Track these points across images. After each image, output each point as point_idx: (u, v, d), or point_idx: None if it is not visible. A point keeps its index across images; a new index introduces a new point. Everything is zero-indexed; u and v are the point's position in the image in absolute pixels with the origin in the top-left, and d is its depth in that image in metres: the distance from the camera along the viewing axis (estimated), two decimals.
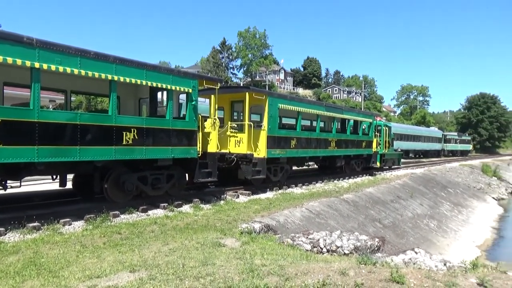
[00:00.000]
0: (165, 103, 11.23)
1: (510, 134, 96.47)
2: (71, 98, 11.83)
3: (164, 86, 10.48)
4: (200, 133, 11.64)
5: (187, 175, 12.13)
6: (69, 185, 11.81)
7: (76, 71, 8.50)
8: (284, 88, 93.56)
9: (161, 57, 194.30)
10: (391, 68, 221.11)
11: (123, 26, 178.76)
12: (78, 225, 8.58)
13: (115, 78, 9.24)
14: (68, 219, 8.67)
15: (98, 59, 8.92)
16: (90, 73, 8.73)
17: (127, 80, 9.51)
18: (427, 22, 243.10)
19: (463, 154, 65.06)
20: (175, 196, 11.38)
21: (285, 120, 19.90)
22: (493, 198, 29.21)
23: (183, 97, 11.66)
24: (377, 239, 7.84)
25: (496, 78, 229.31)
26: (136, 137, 9.71)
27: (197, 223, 9.22)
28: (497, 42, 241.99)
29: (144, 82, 9.95)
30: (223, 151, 13.98)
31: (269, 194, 14.11)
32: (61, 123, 8.28)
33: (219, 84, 12.44)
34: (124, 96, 12.09)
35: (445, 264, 6.18)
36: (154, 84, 10.23)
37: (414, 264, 6.23)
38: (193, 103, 11.24)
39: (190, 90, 11.16)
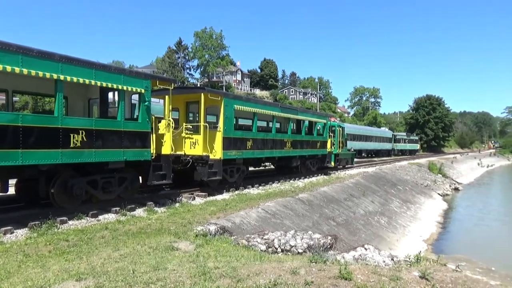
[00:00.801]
0: (116, 104, 10.86)
1: (453, 134, 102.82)
2: (14, 98, 11.13)
3: (115, 86, 10.13)
4: (154, 135, 11.38)
5: (140, 178, 11.82)
6: (11, 190, 11.12)
7: (17, 70, 8.01)
8: (241, 89, 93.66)
9: (114, 56, 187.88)
10: (345, 70, 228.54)
11: (72, 24, 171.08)
12: (21, 233, 8.08)
13: (61, 77, 8.80)
14: (10, 227, 8.14)
15: (42, 58, 8.45)
16: (33, 72, 8.26)
17: (75, 79, 9.09)
18: (378, 26, 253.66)
19: (412, 153, 68.40)
20: (128, 200, 11.04)
21: (241, 121, 19.93)
22: (439, 194, 30.94)
23: (135, 97, 11.34)
24: (329, 237, 8.04)
25: (441, 81, 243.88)
26: (85, 139, 9.31)
27: (151, 227, 9.00)
28: (442, 47, 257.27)
29: (93, 82, 9.56)
30: (178, 152, 13.77)
31: (225, 195, 14.05)
32: (0, 125, 7.76)
33: (173, 85, 12.23)
34: (73, 97, 11.56)
35: (392, 259, 6.45)
36: (104, 84, 9.87)
37: (363, 260, 6.45)
38: (146, 104, 10.96)
39: (143, 91, 10.88)
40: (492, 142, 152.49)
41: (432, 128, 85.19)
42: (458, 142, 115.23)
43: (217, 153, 14.17)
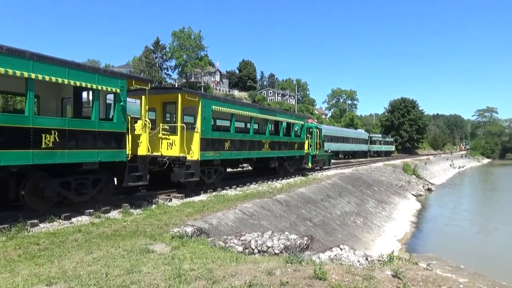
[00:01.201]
0: (90, 104, 10.63)
1: (427, 136, 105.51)
2: None
3: (89, 85, 9.91)
4: (130, 135, 11.21)
5: (116, 179, 11.60)
6: None
7: None
8: (220, 90, 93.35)
9: (89, 55, 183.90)
10: (323, 73, 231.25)
11: (46, 21, 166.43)
12: None
13: (32, 76, 8.54)
14: None
15: (11, 55, 8.18)
16: (2, 70, 7.98)
17: (47, 78, 8.84)
18: (354, 29, 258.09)
19: (387, 154, 69.85)
20: (102, 202, 10.81)
21: (219, 122, 19.86)
22: (413, 194, 31.71)
23: (110, 97, 11.13)
24: (306, 238, 8.10)
25: (415, 84, 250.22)
26: (58, 139, 9.06)
27: (126, 229, 8.84)
28: (416, 51, 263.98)
29: (66, 81, 9.32)
30: (154, 153, 13.60)
31: (203, 197, 13.97)
32: None
33: (149, 85, 12.07)
34: (45, 96, 11.24)
35: (366, 259, 6.56)
36: (78, 84, 9.63)
37: (338, 260, 6.53)
38: (122, 104, 10.78)
39: (118, 90, 10.69)
40: (464, 144, 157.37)
41: (406, 130, 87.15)
42: (431, 143, 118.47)
43: (195, 154, 14.07)
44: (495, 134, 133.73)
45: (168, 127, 14.11)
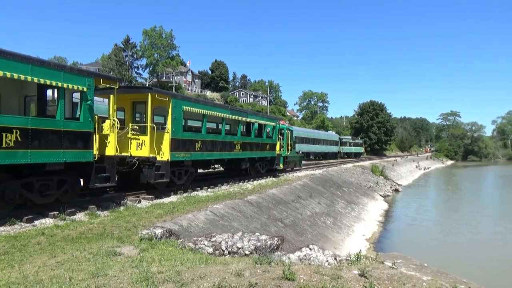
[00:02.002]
0: (56, 102, 10.27)
1: (394, 138, 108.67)
2: None
3: (54, 83, 9.57)
4: (97, 135, 10.93)
5: (82, 180, 11.26)
6: None
7: None
8: (192, 90, 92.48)
9: (56, 52, 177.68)
10: (295, 75, 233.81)
11: (11, 18, 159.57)
12: None
13: None
14: None
15: None
16: None
17: (8, 75, 8.46)
18: (325, 32, 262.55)
19: (357, 156, 71.40)
20: (68, 204, 10.47)
21: (190, 123, 19.69)
22: (380, 195, 32.52)
23: (77, 96, 10.80)
24: (276, 238, 8.14)
25: (383, 88, 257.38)
26: (20, 139, 8.69)
27: (92, 231, 8.60)
28: (384, 55, 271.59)
29: (29, 78, 8.96)
30: (123, 154, 13.33)
31: (173, 198, 13.81)
32: None
33: (118, 83, 11.80)
34: (6, 93, 10.77)
35: (335, 258, 6.67)
36: (42, 81, 9.28)
37: (308, 260, 6.61)
38: (89, 102, 10.48)
39: (85, 89, 10.38)
40: (429, 146, 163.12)
41: (375, 132, 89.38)
42: (398, 145, 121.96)
43: (165, 154, 13.88)
44: (458, 137, 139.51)
45: (137, 127, 13.85)
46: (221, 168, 22.83)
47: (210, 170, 22.45)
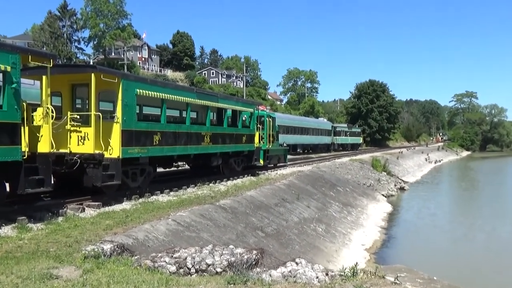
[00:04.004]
0: None
1: (399, 126, 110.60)
2: None
3: None
4: (27, 127, 10.74)
5: (8, 185, 11.03)
6: None
7: None
8: (148, 69, 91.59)
9: None
10: (277, 50, 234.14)
11: None
12: None
13: None
14: None
15: None
16: None
17: None
18: (314, 2, 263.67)
19: (354, 147, 72.45)
20: None
21: (146, 110, 19.51)
22: (383, 195, 33.19)
23: None
24: (255, 252, 8.18)
25: (385, 66, 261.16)
26: None
27: (22, 249, 8.47)
28: (386, 30, 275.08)
29: None
30: (61, 150, 13.10)
31: (126, 205, 13.73)
32: None
33: (52, 61, 11.55)
34: None
35: (327, 274, 6.75)
36: None
37: (293, 277, 6.66)
38: (14, 86, 10.22)
39: (9, 68, 10.11)
40: (441, 134, 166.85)
41: (376, 118, 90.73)
42: (404, 134, 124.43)
43: (114, 150, 13.75)
44: (474, 123, 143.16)
45: (78, 117, 13.63)
46: (187, 166, 22.74)
47: (173, 169, 22.30)
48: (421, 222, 25.52)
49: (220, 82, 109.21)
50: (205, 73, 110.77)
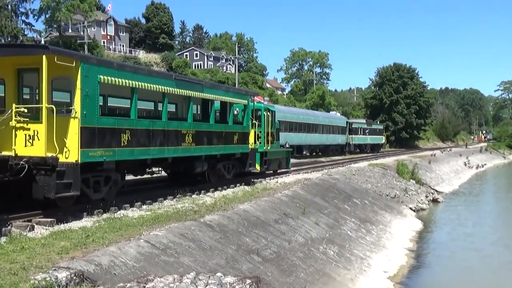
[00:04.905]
0: None
1: (432, 121, 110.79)
2: None
3: None
4: None
5: None
6: None
7: None
8: (115, 50, 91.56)
9: None
10: (278, 27, 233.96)
11: None
12: None
13: None
14: None
15: None
16: None
17: None
18: None
19: (374, 149, 72.62)
20: None
21: (112, 102, 19.51)
22: (411, 209, 33.26)
23: None
24: (249, 281, 8.22)
25: (412, 49, 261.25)
26: None
27: None
28: (413, 3, 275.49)
29: None
30: (4, 153, 13.14)
31: (86, 222, 13.70)
32: None
33: None
34: None
35: None
36: None
37: None
38: None
39: None
40: (484, 132, 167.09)
41: (402, 112, 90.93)
42: (438, 132, 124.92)
43: (72, 153, 13.71)
44: None
45: (26, 110, 13.61)
46: (163, 173, 22.72)
47: (146, 176, 22.27)
48: (458, 244, 25.56)
49: (206, 67, 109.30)
50: (187, 55, 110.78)
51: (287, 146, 35.45)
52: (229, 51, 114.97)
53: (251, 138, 24.81)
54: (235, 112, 23.90)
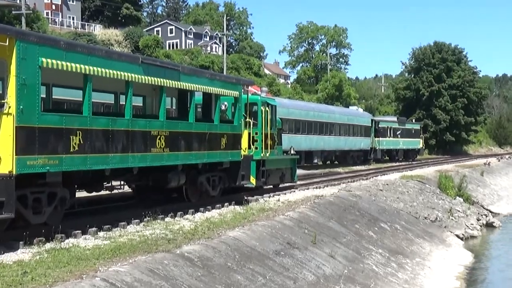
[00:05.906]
0: None
1: (485, 119, 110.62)
2: None
3: None
4: None
5: None
6: None
7: None
8: (63, 24, 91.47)
9: None
10: None
11: None
12: None
13: None
14: None
15: None
16: None
17: None
18: None
19: (409, 156, 72.54)
20: None
21: (58, 93, 19.46)
22: (457, 236, 33.20)
23: None
24: None
25: (457, 28, 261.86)
26: None
27: None
28: None
29: None
30: None
31: (23, 254, 13.67)
32: None
33: None
34: None
35: None
36: None
37: None
38: None
39: None
40: None
41: (445, 107, 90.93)
42: (493, 134, 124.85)
43: (4, 161, 13.67)
44: None
45: None
46: (127, 188, 22.68)
47: (104, 192, 22.26)
48: None
49: (184, 46, 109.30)
50: (158, 31, 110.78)
51: (292, 152, 35.40)
52: (214, 25, 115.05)
53: (244, 142, 24.78)
54: (223, 107, 23.86)
